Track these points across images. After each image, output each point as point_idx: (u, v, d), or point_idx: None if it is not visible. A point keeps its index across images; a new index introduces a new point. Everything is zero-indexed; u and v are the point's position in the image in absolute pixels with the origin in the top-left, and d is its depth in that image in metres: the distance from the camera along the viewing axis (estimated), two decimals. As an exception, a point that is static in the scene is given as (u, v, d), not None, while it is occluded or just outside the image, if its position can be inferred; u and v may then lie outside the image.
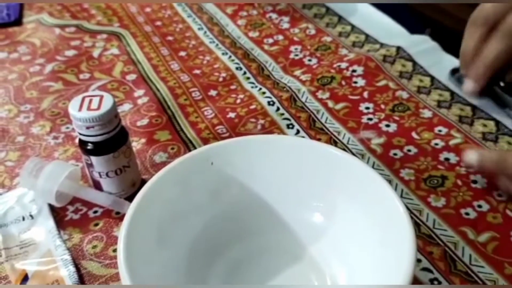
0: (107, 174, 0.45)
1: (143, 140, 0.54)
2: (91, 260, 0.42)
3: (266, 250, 0.40)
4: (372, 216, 0.36)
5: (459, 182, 0.47)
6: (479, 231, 0.42)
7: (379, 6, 0.74)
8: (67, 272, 0.40)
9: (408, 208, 0.33)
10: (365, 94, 0.58)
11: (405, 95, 0.58)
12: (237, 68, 0.64)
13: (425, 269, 0.40)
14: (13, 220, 0.45)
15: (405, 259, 0.31)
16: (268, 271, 0.39)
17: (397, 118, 0.55)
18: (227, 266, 0.39)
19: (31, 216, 0.45)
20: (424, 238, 0.42)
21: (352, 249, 0.37)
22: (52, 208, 0.46)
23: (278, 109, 0.57)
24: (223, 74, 0.64)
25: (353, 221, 0.37)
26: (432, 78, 0.60)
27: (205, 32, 0.72)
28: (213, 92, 0.60)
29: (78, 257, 0.42)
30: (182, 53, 0.68)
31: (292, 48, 0.68)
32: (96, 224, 0.45)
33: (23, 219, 0.45)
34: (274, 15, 0.76)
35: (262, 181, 0.40)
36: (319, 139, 0.52)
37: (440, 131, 0.53)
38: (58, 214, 0.46)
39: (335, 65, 0.63)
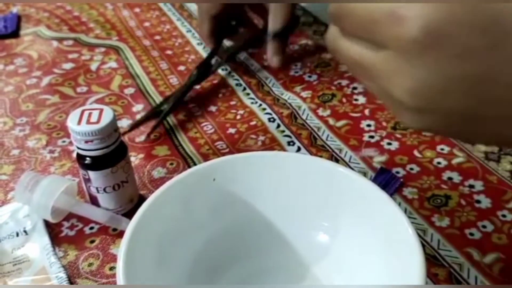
0: (104, 190, 0.44)
1: (141, 155, 0.53)
2: (87, 278, 0.41)
3: (268, 270, 0.39)
4: (378, 236, 0.35)
5: (463, 202, 0.46)
6: (484, 252, 0.42)
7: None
8: (62, 291, 0.39)
9: (414, 228, 0.33)
10: (366, 112, 0.58)
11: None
12: (236, 84, 0.64)
13: (430, 291, 0.39)
14: (7, 236, 0.44)
15: (414, 282, 0.30)
16: (270, 291, 0.38)
17: (399, 136, 0.54)
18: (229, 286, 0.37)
19: (25, 231, 0.44)
20: (429, 259, 0.41)
21: (358, 270, 0.36)
22: (47, 223, 0.45)
23: (278, 126, 0.56)
24: (223, 90, 0.63)
25: (359, 240, 0.36)
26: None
27: (204, 47, 0.72)
28: (212, 108, 0.60)
29: (73, 275, 0.41)
30: (181, 68, 0.68)
31: (292, 64, 0.67)
32: (92, 241, 0.44)
33: (17, 235, 0.44)
34: (273, 32, 0.75)
35: (265, 199, 0.39)
36: (320, 157, 0.52)
37: (442, 149, 0.52)
38: (53, 230, 0.45)
39: (335, 82, 0.63)
